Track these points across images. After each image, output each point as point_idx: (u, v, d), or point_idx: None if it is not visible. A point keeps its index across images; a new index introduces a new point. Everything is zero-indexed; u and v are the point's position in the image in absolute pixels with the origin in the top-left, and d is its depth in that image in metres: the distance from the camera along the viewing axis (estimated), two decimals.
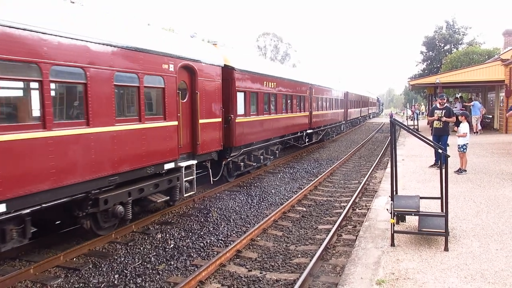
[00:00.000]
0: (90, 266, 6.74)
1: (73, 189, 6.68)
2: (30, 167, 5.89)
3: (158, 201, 8.97)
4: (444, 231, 5.98)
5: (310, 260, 6.56)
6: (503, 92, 22.27)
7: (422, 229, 6.19)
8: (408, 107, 56.31)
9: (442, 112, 11.86)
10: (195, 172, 10.08)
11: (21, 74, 5.97)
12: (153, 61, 8.44)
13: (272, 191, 12.15)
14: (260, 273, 6.43)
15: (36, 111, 6.10)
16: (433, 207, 7.87)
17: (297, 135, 19.17)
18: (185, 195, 9.75)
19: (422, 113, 50.26)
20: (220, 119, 11.30)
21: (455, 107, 22.34)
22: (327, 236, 7.75)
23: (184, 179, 9.57)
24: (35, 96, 6.12)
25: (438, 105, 12.20)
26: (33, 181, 5.93)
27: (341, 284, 5.15)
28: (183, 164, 9.55)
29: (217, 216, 9.52)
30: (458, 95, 31.56)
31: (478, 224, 7.09)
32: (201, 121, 10.23)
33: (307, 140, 20.88)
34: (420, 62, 51.23)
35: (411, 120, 34.83)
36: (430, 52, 49.30)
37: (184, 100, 9.77)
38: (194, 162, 10.06)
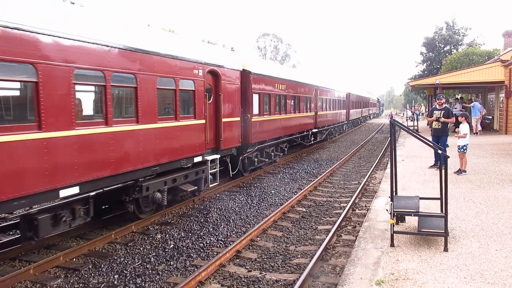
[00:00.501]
0: (90, 267, 6.74)
1: (126, 176, 7.87)
2: (97, 156, 7.07)
3: (189, 190, 10.12)
4: (443, 231, 5.98)
5: (310, 261, 6.56)
6: (503, 93, 22.28)
7: (421, 229, 6.19)
8: (408, 107, 56.39)
9: (441, 113, 11.83)
10: (218, 165, 11.24)
11: (94, 80, 7.18)
12: (187, 67, 9.59)
13: (272, 191, 12.15)
14: (260, 273, 6.44)
15: (101, 111, 7.37)
16: (433, 207, 7.87)
17: (303, 134, 20.28)
18: (210, 186, 10.96)
19: (422, 113, 50.28)
20: (239, 118, 12.50)
21: (455, 108, 22.36)
22: (326, 236, 7.76)
23: (209, 171, 10.75)
24: (101, 98, 7.34)
25: (437, 106, 12.19)
26: (99, 168, 7.11)
27: (341, 284, 5.15)
28: (209, 158, 10.74)
29: (216, 216, 9.52)
30: (458, 96, 31.58)
31: (477, 225, 7.10)
32: (223, 119, 11.40)
33: (312, 139, 22.06)
34: (420, 63, 51.33)
35: (411, 121, 34.84)
36: (430, 53, 49.37)
37: (210, 101, 10.90)
38: (218, 156, 11.22)
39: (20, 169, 5.75)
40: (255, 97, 13.75)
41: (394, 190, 6.65)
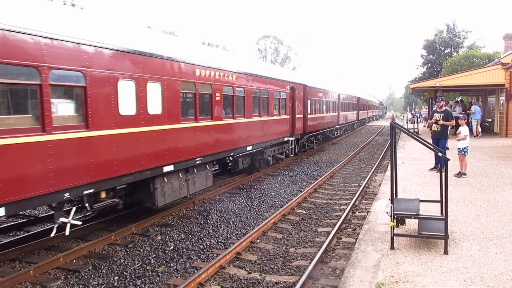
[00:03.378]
0: (90, 268, 6.75)
1: (262, 144, 14.39)
2: (255, 133, 13.63)
3: (281, 157, 16.95)
4: (443, 234, 5.98)
5: (310, 263, 6.57)
6: (503, 96, 22.30)
7: (421, 232, 6.19)
8: (408, 110, 56.53)
9: (440, 116, 11.80)
10: (293, 143, 18.18)
11: (261, 94, 14.31)
12: (284, 85, 16.70)
13: (272, 193, 12.15)
14: (260, 275, 6.44)
15: (259, 110, 14.07)
16: (433, 210, 7.87)
17: (330, 129, 27.21)
18: (290, 156, 18.16)
19: (422, 115, 50.21)
20: (302, 115, 19.39)
21: (455, 111, 22.36)
22: (326, 239, 7.76)
23: (290, 147, 17.99)
24: (259, 103, 14.10)
25: (437, 109, 12.18)
26: (256, 139, 13.60)
27: (341, 287, 5.15)
28: (290, 138, 17.67)
29: (217, 218, 9.53)
30: (458, 99, 31.62)
31: (477, 228, 7.10)
32: (296, 116, 18.21)
33: (336, 133, 29.51)
34: (420, 66, 51.33)
35: (411, 123, 34.84)
36: (431, 56, 49.38)
37: (290, 104, 17.55)
38: (293, 138, 18.09)
39: (239, 136, 12.26)
40: (309, 102, 20.46)
41: (394, 192, 6.65)
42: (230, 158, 12.52)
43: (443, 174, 6.26)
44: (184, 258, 7.13)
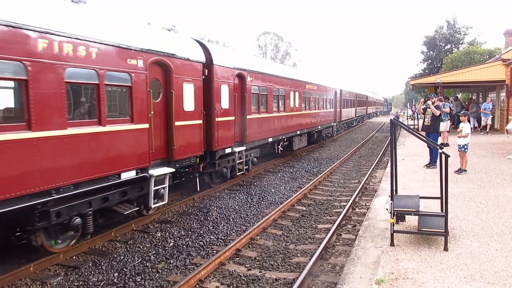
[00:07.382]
0: (90, 264, 6.75)
1: (323, 126, 24.14)
2: (322, 119, 23.65)
3: (329, 135, 26.50)
4: (443, 231, 5.97)
5: (310, 259, 6.56)
6: (504, 92, 22.24)
7: (421, 229, 6.18)
8: (408, 106, 56.69)
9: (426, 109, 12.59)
10: (335, 127, 27.44)
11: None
12: (332, 90, 26.29)
13: (272, 190, 12.15)
14: (260, 272, 6.44)
15: (307, 106, 21.83)
16: (433, 207, 7.87)
17: (350, 119, 37.62)
18: (334, 135, 28.00)
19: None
20: (339, 109, 28.33)
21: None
22: (326, 235, 7.76)
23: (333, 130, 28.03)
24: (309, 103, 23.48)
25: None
26: (322, 122, 23.76)
27: (340, 283, 5.15)
28: (334, 124, 26.77)
29: (216, 215, 9.52)
30: (457, 95, 31.63)
31: (478, 224, 7.09)
32: (337, 109, 27.54)
33: (354, 123, 41.12)
34: (420, 62, 51.17)
35: (412, 119, 34.83)
36: (431, 52, 49.18)
37: (334, 102, 26.76)
38: (335, 124, 27.30)
39: (316, 120, 22.30)
40: (342, 100, 30.18)
41: (394, 189, 6.64)
42: (313, 131, 21.66)
43: (443, 170, 6.25)
44: (184, 255, 7.13)
